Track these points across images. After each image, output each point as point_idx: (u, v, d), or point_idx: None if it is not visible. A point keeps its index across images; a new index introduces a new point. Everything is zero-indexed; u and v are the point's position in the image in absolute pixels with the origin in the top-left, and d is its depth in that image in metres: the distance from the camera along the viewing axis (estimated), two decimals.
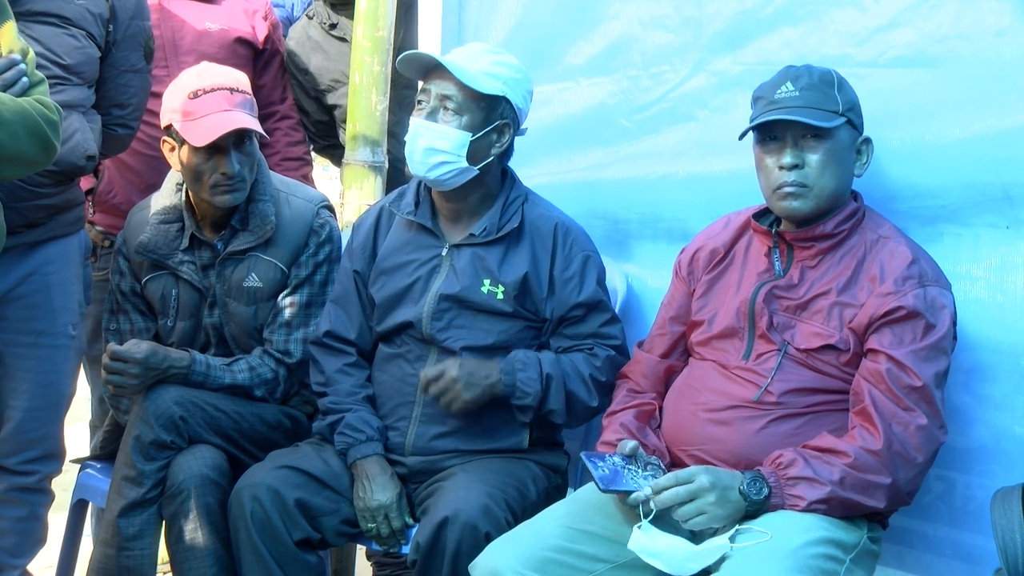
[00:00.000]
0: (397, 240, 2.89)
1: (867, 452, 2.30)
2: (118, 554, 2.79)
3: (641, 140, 3.10)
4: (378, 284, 2.87)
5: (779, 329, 2.48)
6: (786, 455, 2.34)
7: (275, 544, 2.66)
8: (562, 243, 2.80)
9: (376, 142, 3.51)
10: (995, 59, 2.49)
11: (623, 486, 2.36)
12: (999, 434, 2.49)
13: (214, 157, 2.90)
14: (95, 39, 3.00)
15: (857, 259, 2.46)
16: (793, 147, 2.46)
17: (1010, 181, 2.47)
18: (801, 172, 2.46)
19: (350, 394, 2.84)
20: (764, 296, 2.51)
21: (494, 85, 2.72)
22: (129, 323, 3.08)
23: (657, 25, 3.06)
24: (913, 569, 2.65)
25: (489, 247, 2.79)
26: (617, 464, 2.41)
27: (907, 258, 2.41)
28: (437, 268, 2.82)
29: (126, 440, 2.82)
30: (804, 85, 2.45)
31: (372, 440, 2.77)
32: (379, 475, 2.73)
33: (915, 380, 2.32)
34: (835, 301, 2.43)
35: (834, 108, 2.44)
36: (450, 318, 2.78)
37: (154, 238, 3.01)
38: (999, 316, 2.50)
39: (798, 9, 2.80)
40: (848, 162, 2.48)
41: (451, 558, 2.53)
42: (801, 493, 2.30)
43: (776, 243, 2.54)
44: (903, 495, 2.33)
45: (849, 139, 2.47)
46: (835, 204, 2.48)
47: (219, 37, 3.50)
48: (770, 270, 2.54)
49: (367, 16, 3.48)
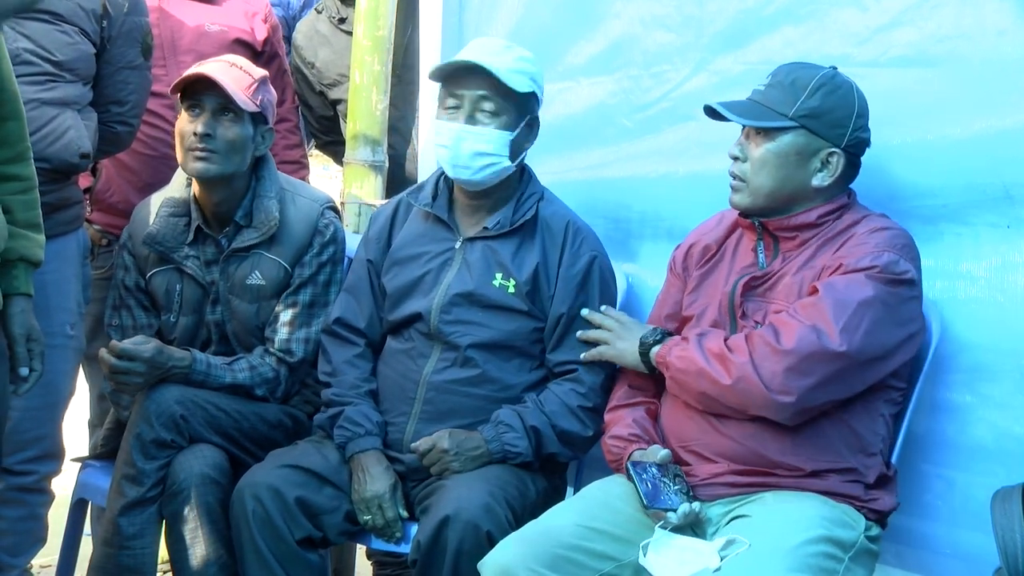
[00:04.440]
0: (413, 231, 2.90)
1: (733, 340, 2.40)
2: (118, 553, 2.78)
3: (642, 139, 3.10)
4: (391, 274, 2.88)
5: (750, 314, 2.49)
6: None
7: (277, 543, 2.66)
8: (572, 240, 2.81)
9: (376, 141, 3.52)
10: (996, 59, 2.49)
11: (663, 504, 2.38)
12: (999, 433, 2.49)
13: (196, 120, 2.91)
14: (88, 35, 2.99)
15: (832, 240, 2.46)
16: (744, 140, 2.49)
17: (1011, 181, 2.47)
18: (741, 166, 2.49)
19: (353, 387, 2.85)
20: (742, 288, 2.52)
21: (525, 82, 2.76)
22: (132, 319, 3.08)
23: (658, 24, 3.06)
24: (913, 568, 2.65)
25: (502, 240, 2.81)
26: (655, 476, 2.42)
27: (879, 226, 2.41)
28: (449, 261, 2.84)
29: (127, 439, 2.82)
30: (773, 83, 2.48)
31: (371, 434, 2.78)
32: (374, 467, 2.74)
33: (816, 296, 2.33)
34: (799, 275, 2.44)
35: (785, 111, 2.43)
36: (459, 313, 2.79)
37: (163, 229, 3.01)
38: (1000, 316, 2.50)
39: (799, 8, 2.80)
40: (794, 167, 2.45)
41: (452, 557, 2.53)
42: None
43: (760, 235, 2.54)
44: (762, 387, 2.34)
45: (802, 145, 2.45)
46: (781, 205, 2.48)
47: (218, 38, 3.49)
48: (755, 264, 2.55)
49: (368, 15, 3.49)
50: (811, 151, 2.45)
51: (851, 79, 2.49)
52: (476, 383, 2.78)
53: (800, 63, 2.52)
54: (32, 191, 2.49)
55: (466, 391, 2.78)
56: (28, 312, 2.49)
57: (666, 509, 2.38)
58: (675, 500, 2.40)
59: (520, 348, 2.81)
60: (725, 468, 2.45)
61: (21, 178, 2.47)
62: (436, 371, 2.80)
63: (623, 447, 2.57)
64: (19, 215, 2.46)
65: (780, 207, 2.49)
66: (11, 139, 2.45)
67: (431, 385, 2.80)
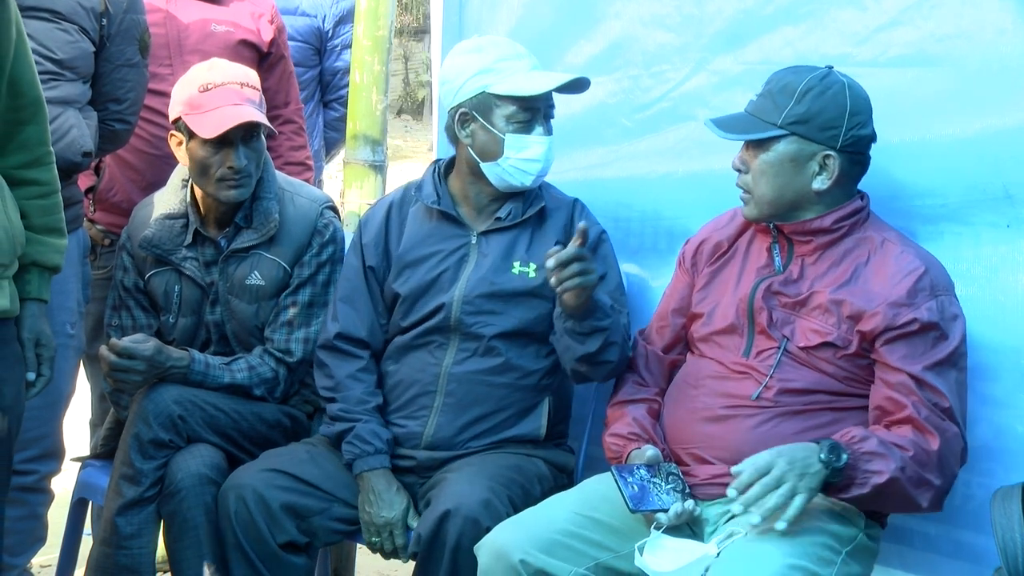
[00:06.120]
0: (419, 232, 2.90)
1: (924, 451, 2.30)
2: (116, 553, 2.79)
3: (642, 139, 3.10)
4: (403, 278, 2.88)
5: (778, 325, 2.48)
6: (856, 431, 2.32)
7: (259, 545, 2.68)
8: (579, 216, 2.87)
9: (377, 141, 3.53)
10: (996, 58, 2.49)
11: (652, 505, 2.38)
12: (1000, 432, 2.49)
13: (222, 151, 2.90)
14: (88, 33, 2.99)
15: (860, 260, 2.45)
16: (745, 151, 2.51)
17: (1011, 180, 2.47)
18: (744, 178, 2.51)
19: (360, 402, 2.84)
20: (763, 293, 2.50)
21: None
22: (131, 319, 3.08)
23: (658, 24, 3.06)
24: (913, 568, 2.64)
25: (517, 230, 2.84)
26: (644, 478, 2.41)
27: (918, 268, 2.39)
28: (466, 257, 2.85)
29: (125, 439, 2.82)
30: (765, 92, 2.49)
31: (380, 453, 2.77)
32: (385, 491, 2.74)
33: (943, 400, 2.33)
34: (834, 299, 2.43)
35: (773, 120, 2.44)
36: (480, 304, 2.80)
37: (159, 233, 3.01)
38: (1000, 315, 2.50)
39: (799, 8, 2.79)
40: (791, 174, 2.45)
41: (451, 551, 2.54)
42: (877, 468, 2.27)
43: (776, 238, 2.54)
44: (942, 500, 2.35)
45: (795, 152, 2.44)
46: (786, 211, 2.48)
47: (224, 38, 3.49)
48: (770, 265, 2.54)
49: (367, 15, 3.49)
50: (805, 156, 2.45)
51: (847, 78, 2.47)
52: (499, 372, 2.80)
53: (794, 68, 2.51)
54: (51, 196, 2.50)
55: (489, 380, 2.80)
56: (39, 317, 2.49)
57: (655, 510, 2.38)
58: (666, 500, 2.39)
59: (537, 334, 2.82)
60: (724, 470, 2.44)
61: (40, 183, 2.48)
62: (457, 362, 2.81)
63: (622, 445, 2.57)
64: (36, 220, 2.47)
65: (787, 213, 2.49)
66: (30, 143, 2.45)
67: (452, 377, 2.80)
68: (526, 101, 2.77)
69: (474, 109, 2.80)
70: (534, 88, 2.77)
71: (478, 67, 2.79)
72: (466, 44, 2.91)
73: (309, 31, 4.28)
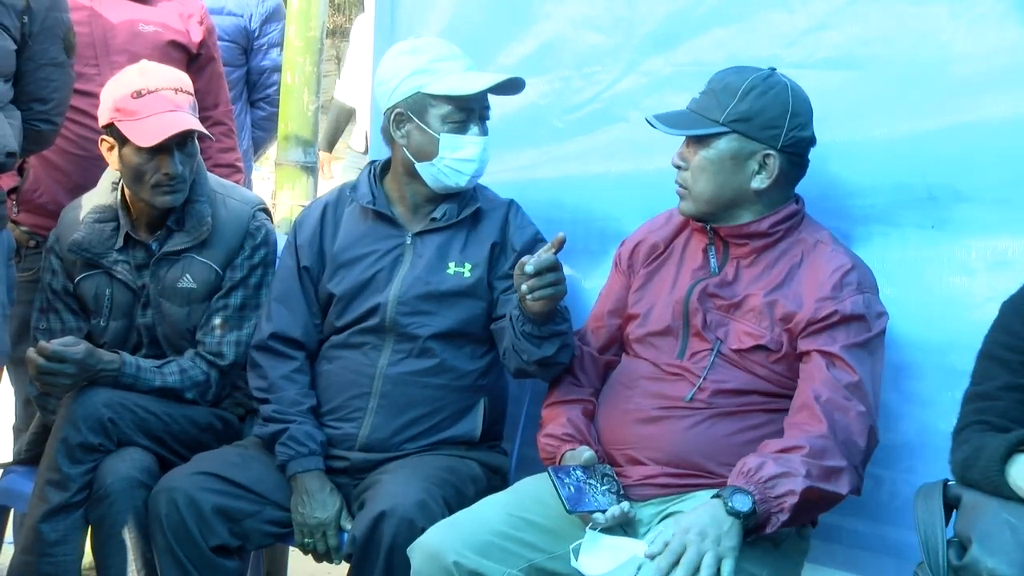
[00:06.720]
0: (354, 232, 2.89)
1: (816, 438, 2.28)
2: (39, 560, 2.74)
3: (573, 140, 3.11)
4: (337, 278, 2.87)
5: (712, 327, 2.50)
6: (749, 460, 2.28)
7: (191, 548, 2.65)
8: (514, 216, 2.89)
9: (308, 142, 3.53)
10: (918, 62, 2.54)
11: (588, 506, 2.38)
12: (924, 430, 2.53)
13: (157, 157, 2.86)
14: (9, 31, 2.92)
15: (793, 262, 2.48)
16: (684, 149, 2.52)
17: (934, 182, 2.52)
18: (683, 174, 2.52)
19: (294, 403, 2.82)
20: (699, 294, 2.52)
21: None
22: (60, 322, 3.03)
23: (589, 26, 3.07)
24: (842, 565, 2.68)
25: (452, 231, 2.84)
26: (580, 479, 2.42)
27: (845, 265, 2.43)
28: (401, 257, 2.84)
29: (51, 443, 2.78)
30: (707, 90, 2.50)
31: (314, 454, 2.76)
32: (318, 492, 2.73)
33: (852, 375, 2.34)
34: (767, 301, 2.45)
35: (715, 117, 2.46)
36: (415, 304, 2.79)
37: (88, 236, 2.97)
38: (926, 314, 2.54)
39: (729, 10, 2.82)
40: (730, 172, 2.47)
41: (387, 552, 2.54)
42: (783, 490, 2.22)
43: (712, 240, 2.56)
44: (860, 478, 2.33)
45: (736, 150, 2.46)
46: (724, 209, 2.50)
47: (152, 38, 3.44)
48: (705, 267, 2.56)
49: (299, 16, 3.49)
50: (746, 154, 2.47)
51: (790, 80, 2.50)
52: (434, 373, 2.80)
53: (737, 68, 2.53)
54: None
55: (425, 381, 2.80)
56: None
57: (591, 511, 2.38)
58: (602, 501, 2.40)
59: (472, 335, 2.83)
60: (658, 471, 2.47)
61: None
62: (392, 364, 2.80)
63: (556, 446, 2.57)
64: None
65: (723, 211, 2.51)
66: None
67: (388, 378, 2.80)
68: (461, 101, 2.77)
69: (409, 109, 2.79)
70: (469, 88, 2.77)
71: (413, 68, 2.79)
72: (402, 45, 2.91)
73: (236, 30, 4.26)
